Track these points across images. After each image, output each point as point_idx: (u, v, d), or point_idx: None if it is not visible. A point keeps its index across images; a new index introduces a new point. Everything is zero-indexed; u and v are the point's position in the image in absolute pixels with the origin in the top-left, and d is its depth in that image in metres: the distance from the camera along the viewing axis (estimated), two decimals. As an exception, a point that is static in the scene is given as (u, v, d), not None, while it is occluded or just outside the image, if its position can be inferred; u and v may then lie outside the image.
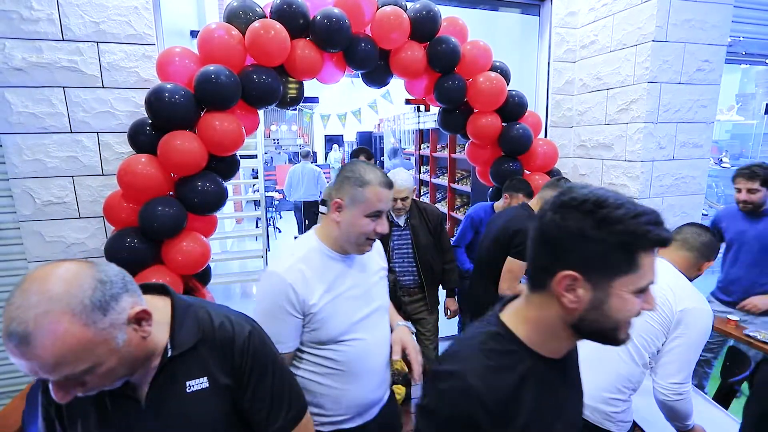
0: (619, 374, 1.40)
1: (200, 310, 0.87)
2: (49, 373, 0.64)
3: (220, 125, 1.97)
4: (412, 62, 2.36)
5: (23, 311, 0.61)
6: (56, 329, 0.62)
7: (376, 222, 1.16)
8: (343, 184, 1.17)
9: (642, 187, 2.63)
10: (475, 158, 2.79)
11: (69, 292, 0.64)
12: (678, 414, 1.37)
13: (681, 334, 1.34)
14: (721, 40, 2.61)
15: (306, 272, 1.14)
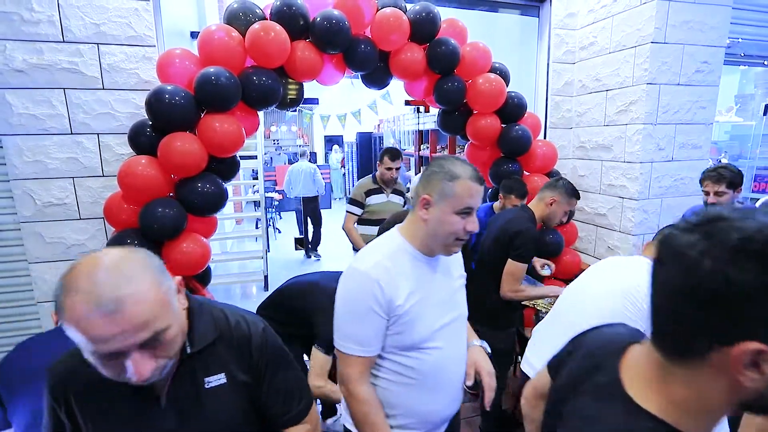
0: None
1: (214, 309, 0.91)
2: (139, 330, 0.68)
3: (220, 127, 1.98)
4: (411, 64, 2.37)
5: (110, 280, 0.67)
6: (143, 287, 0.69)
7: (466, 220, 1.07)
8: (431, 179, 1.09)
9: (641, 188, 2.63)
10: (474, 159, 2.80)
11: (144, 258, 0.73)
12: None
13: None
14: (720, 41, 2.62)
15: (392, 270, 1.07)
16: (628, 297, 1.43)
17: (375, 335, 1.08)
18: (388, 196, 3.09)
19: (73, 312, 0.65)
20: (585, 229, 3.05)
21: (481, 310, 2.16)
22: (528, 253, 2.04)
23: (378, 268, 1.07)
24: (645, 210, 2.67)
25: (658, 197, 2.70)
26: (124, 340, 0.67)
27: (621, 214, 2.76)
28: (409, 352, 1.11)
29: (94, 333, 0.65)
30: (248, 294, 5.12)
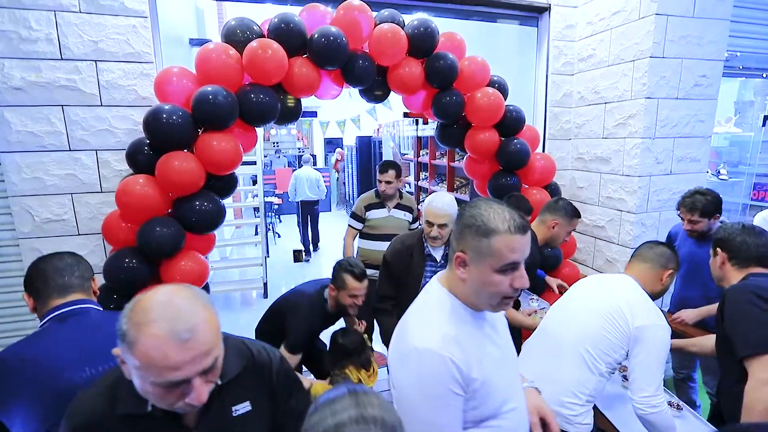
0: (574, 380, 1.47)
1: (235, 340, 0.99)
2: (206, 356, 0.76)
3: (217, 145, 1.98)
4: (409, 78, 2.37)
5: (178, 314, 0.74)
6: (208, 317, 0.78)
7: (511, 276, 0.94)
8: (464, 234, 0.96)
9: (639, 201, 2.63)
10: (473, 172, 2.80)
11: (198, 292, 0.81)
12: (658, 427, 1.41)
13: (640, 350, 1.42)
14: (719, 55, 2.62)
15: (459, 338, 0.94)
16: (608, 318, 1.46)
17: (458, 418, 0.94)
18: (389, 211, 2.95)
19: (150, 342, 0.71)
20: (584, 240, 3.05)
21: None
22: (530, 275, 2.03)
23: (446, 341, 0.92)
24: (643, 223, 2.67)
25: (657, 210, 2.70)
26: (194, 366, 0.74)
27: (620, 227, 2.76)
28: (489, 421, 0.98)
29: (170, 362, 0.72)
30: (249, 301, 5.13)
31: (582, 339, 1.49)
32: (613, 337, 1.45)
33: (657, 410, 1.39)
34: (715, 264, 1.58)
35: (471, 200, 1.07)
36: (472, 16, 3.08)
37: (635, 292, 1.51)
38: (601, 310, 1.48)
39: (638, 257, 1.62)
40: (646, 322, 1.42)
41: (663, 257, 1.57)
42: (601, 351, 1.46)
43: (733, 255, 1.50)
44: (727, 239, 1.52)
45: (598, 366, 1.47)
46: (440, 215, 1.90)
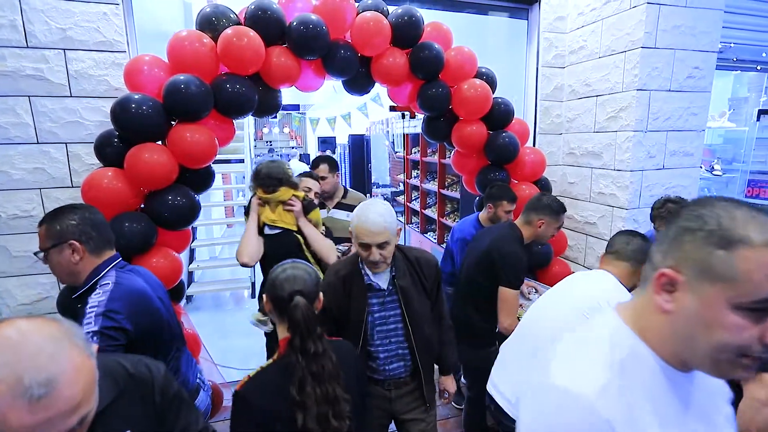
0: None
1: (110, 362, 0.85)
2: (68, 416, 0.60)
3: (191, 137, 1.89)
4: (394, 69, 2.29)
5: (32, 360, 0.56)
6: (75, 362, 0.60)
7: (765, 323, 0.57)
8: (682, 239, 0.62)
9: (631, 197, 2.56)
10: (461, 167, 2.72)
11: (68, 329, 0.63)
12: None
13: None
14: (712, 46, 2.55)
15: (630, 398, 0.62)
16: (585, 312, 1.38)
17: None
18: (329, 212, 2.62)
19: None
20: (575, 237, 2.98)
21: (465, 330, 2.09)
22: (518, 277, 1.94)
23: (607, 396, 0.61)
24: (635, 219, 2.60)
25: (649, 206, 2.61)
26: (50, 430, 0.58)
27: (611, 223, 2.69)
28: None
29: (14, 425, 0.55)
30: (240, 299, 5.04)
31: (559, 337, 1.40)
32: None
33: None
34: None
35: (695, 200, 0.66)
36: (463, 8, 3.00)
37: (615, 289, 1.43)
38: (578, 305, 1.40)
39: (615, 254, 1.53)
40: None
41: (641, 254, 1.48)
42: None
43: None
44: None
45: None
46: (377, 232, 1.41)
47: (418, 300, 1.57)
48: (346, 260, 1.63)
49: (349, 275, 1.54)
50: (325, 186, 2.54)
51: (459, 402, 2.76)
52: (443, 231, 4.74)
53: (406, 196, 5.78)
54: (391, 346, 1.57)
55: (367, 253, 1.46)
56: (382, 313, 1.55)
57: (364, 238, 1.43)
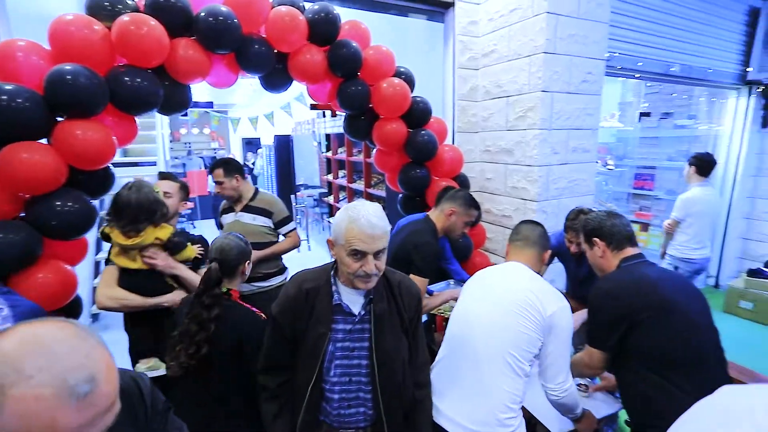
0: (505, 391, 1.35)
1: None
2: (108, 410, 0.60)
3: (82, 135, 1.69)
4: (311, 66, 2.24)
5: (69, 360, 0.55)
6: (106, 359, 0.61)
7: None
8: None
9: (540, 190, 2.77)
10: (383, 165, 2.75)
11: (84, 327, 0.62)
12: (569, 407, 1.44)
13: (554, 337, 1.37)
14: (600, 54, 2.85)
15: None
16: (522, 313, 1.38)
17: None
18: (236, 215, 2.49)
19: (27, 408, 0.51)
20: (493, 230, 3.16)
21: None
22: (428, 267, 1.97)
23: None
24: (544, 210, 2.82)
25: (556, 198, 2.87)
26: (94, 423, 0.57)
27: (524, 215, 2.88)
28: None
29: (62, 426, 0.53)
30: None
31: (503, 343, 1.36)
32: (532, 332, 1.36)
33: (568, 392, 1.40)
34: (595, 255, 1.58)
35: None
36: (384, 9, 3.03)
37: (534, 279, 1.47)
38: (513, 306, 1.38)
39: (523, 240, 1.58)
40: (555, 308, 1.38)
41: (544, 238, 1.59)
42: (524, 350, 1.36)
43: (609, 240, 1.52)
44: (599, 227, 1.55)
45: (523, 367, 1.36)
46: (377, 236, 1.16)
47: (392, 334, 1.29)
48: (316, 271, 1.34)
49: (314, 290, 1.27)
50: (224, 192, 2.41)
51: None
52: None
53: (334, 197, 5.74)
54: (350, 386, 1.27)
55: (359, 264, 1.17)
56: (346, 344, 1.26)
57: (358, 245, 1.15)
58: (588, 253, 1.63)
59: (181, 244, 1.79)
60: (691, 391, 1.24)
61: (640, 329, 1.33)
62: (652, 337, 1.32)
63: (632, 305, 1.35)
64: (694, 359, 1.30)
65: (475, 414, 1.34)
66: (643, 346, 1.34)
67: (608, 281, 1.47)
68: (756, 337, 3.81)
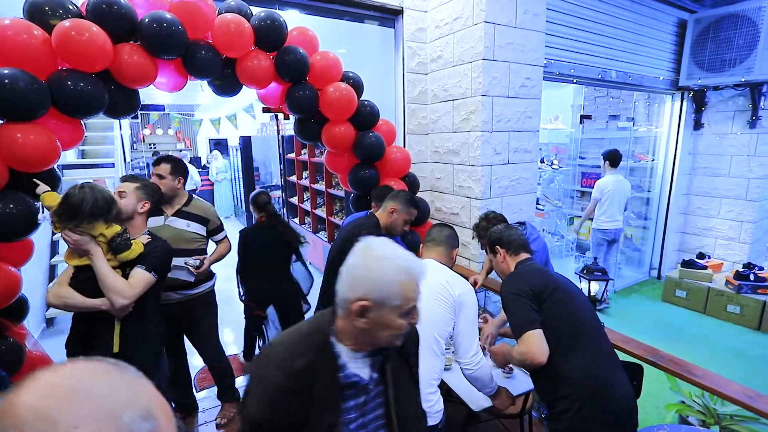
0: (428, 370, 1.47)
1: None
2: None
3: (23, 138, 1.72)
4: (258, 71, 2.33)
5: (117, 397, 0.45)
6: (156, 391, 0.50)
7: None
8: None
9: (484, 188, 2.95)
10: (334, 166, 2.86)
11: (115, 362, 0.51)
12: (483, 380, 1.62)
13: (464, 316, 1.58)
14: (538, 61, 3.05)
15: None
16: (438, 296, 1.58)
17: None
18: (167, 219, 2.37)
19: None
20: (443, 227, 3.32)
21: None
22: None
23: None
24: (488, 207, 3.00)
25: (499, 196, 3.05)
26: None
27: (470, 213, 3.06)
28: None
29: None
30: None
31: (428, 326, 1.49)
32: (447, 312, 1.57)
33: (480, 365, 1.58)
34: (498, 261, 1.83)
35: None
36: (342, 15, 3.14)
37: (443, 270, 1.70)
38: (431, 292, 1.56)
39: (433, 242, 1.82)
40: (462, 290, 1.61)
41: (452, 239, 1.84)
42: (443, 330, 1.56)
43: (508, 248, 1.78)
44: (500, 238, 1.81)
45: (441, 347, 1.56)
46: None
47: (407, 393, 1.08)
48: (302, 337, 0.99)
49: (312, 367, 0.92)
50: (162, 187, 2.24)
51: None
52: (333, 229, 4.87)
53: (298, 197, 5.80)
54: None
55: (403, 321, 0.94)
56: (358, 421, 0.98)
57: (412, 302, 0.94)
58: (492, 260, 1.87)
59: (124, 244, 1.81)
60: (583, 359, 1.47)
61: (545, 305, 1.53)
62: (555, 311, 1.52)
63: (537, 285, 1.58)
64: (582, 330, 1.52)
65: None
66: (547, 321, 1.52)
67: (512, 276, 1.71)
68: (688, 324, 4.14)
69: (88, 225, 1.68)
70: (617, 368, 1.54)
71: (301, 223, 5.84)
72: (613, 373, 1.50)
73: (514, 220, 3.13)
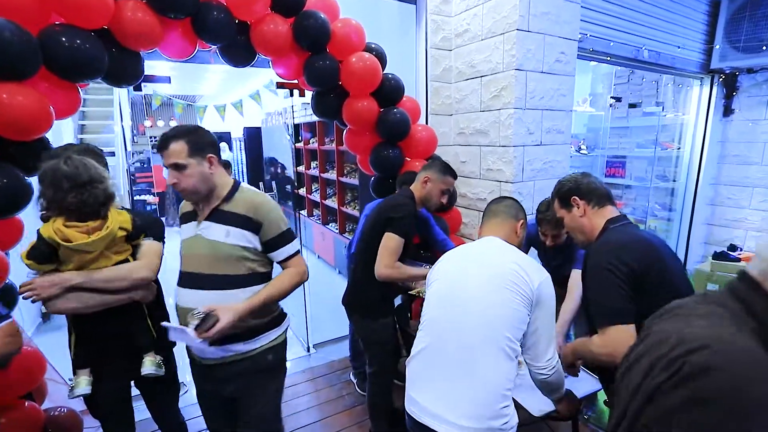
0: (502, 379, 1.19)
1: None
2: None
3: (9, 99, 1.49)
4: (275, 37, 2.10)
5: None
6: None
7: None
8: None
9: (516, 171, 2.72)
10: (354, 146, 2.64)
11: None
12: (555, 385, 1.34)
13: (541, 311, 1.25)
14: (573, 35, 2.82)
15: None
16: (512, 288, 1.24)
17: None
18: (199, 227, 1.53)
19: None
20: (468, 215, 3.09)
21: (358, 298, 2.04)
22: (405, 226, 1.86)
23: None
24: (520, 192, 2.77)
25: (531, 180, 2.82)
26: None
27: (499, 198, 2.83)
28: None
29: None
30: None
31: (497, 323, 1.21)
32: (523, 307, 1.23)
33: (556, 370, 1.29)
34: (575, 217, 1.43)
35: None
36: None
37: (514, 251, 1.36)
38: (502, 282, 1.24)
39: (491, 214, 1.49)
40: (540, 278, 1.26)
41: (513, 208, 1.49)
42: (516, 329, 1.22)
43: (589, 198, 1.41)
44: (576, 187, 1.44)
45: (516, 348, 1.22)
46: None
47: None
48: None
49: None
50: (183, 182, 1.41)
51: (362, 387, 2.68)
52: (344, 220, 4.65)
53: (306, 188, 5.57)
54: None
55: None
56: None
57: None
58: (567, 219, 1.47)
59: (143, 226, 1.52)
60: None
61: (645, 292, 1.18)
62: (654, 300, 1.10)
63: (640, 263, 1.19)
64: None
65: (469, 408, 1.17)
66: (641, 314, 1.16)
67: (605, 243, 1.29)
68: (722, 318, 3.91)
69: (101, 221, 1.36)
70: None
71: (309, 215, 5.61)
72: None
73: (546, 207, 2.92)
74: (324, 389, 2.78)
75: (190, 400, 2.66)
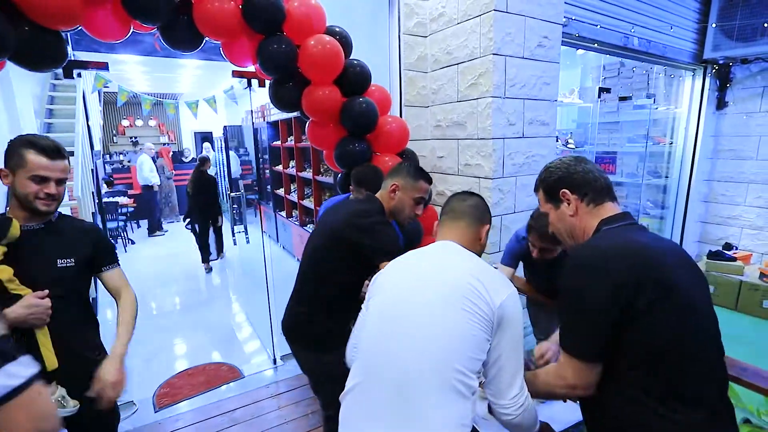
0: (452, 422, 0.94)
1: None
2: None
3: None
4: (221, 16, 1.87)
5: None
6: None
7: None
8: None
9: (495, 166, 2.50)
10: (318, 140, 2.40)
11: None
12: (526, 426, 1.06)
13: (503, 334, 0.99)
14: (557, 18, 2.61)
15: None
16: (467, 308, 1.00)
17: None
18: None
19: None
20: (447, 214, 2.87)
21: (302, 328, 1.67)
22: (394, 245, 1.52)
23: None
24: (500, 189, 2.55)
25: (513, 175, 2.60)
26: None
27: (479, 196, 2.61)
28: None
29: None
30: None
31: (448, 356, 0.96)
32: (481, 330, 0.97)
33: (525, 408, 1.01)
34: (563, 215, 1.14)
35: None
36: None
37: (472, 259, 1.11)
38: (455, 300, 0.99)
39: (453, 215, 1.23)
40: (504, 295, 1.01)
41: (480, 210, 1.24)
42: (472, 359, 0.97)
43: (583, 191, 1.11)
44: (568, 175, 1.12)
45: (471, 383, 0.97)
46: None
47: None
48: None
49: None
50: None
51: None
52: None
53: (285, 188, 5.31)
54: None
55: None
56: None
57: None
58: (552, 216, 1.18)
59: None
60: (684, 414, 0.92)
61: (643, 320, 0.92)
62: (658, 329, 0.92)
63: (629, 282, 0.92)
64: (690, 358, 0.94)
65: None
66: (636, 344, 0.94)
67: (588, 252, 1.03)
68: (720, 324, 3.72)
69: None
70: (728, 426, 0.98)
71: (288, 216, 5.36)
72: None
73: (530, 205, 2.70)
74: (287, 406, 2.55)
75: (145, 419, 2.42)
